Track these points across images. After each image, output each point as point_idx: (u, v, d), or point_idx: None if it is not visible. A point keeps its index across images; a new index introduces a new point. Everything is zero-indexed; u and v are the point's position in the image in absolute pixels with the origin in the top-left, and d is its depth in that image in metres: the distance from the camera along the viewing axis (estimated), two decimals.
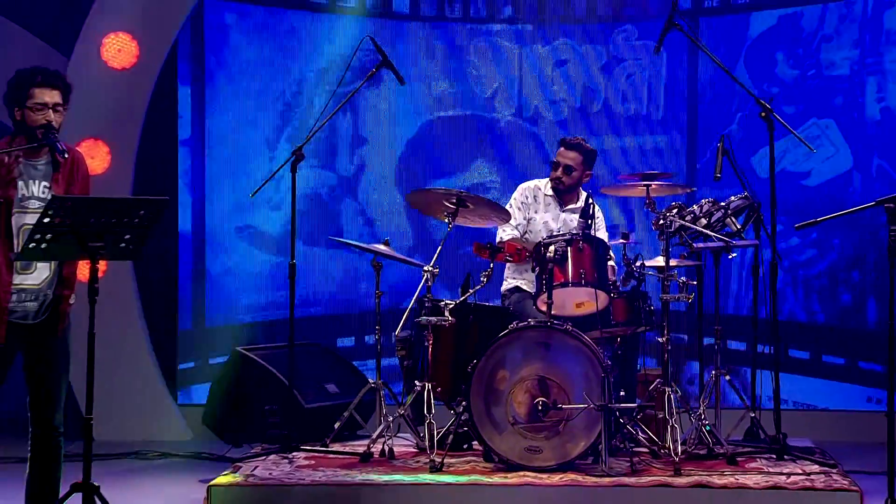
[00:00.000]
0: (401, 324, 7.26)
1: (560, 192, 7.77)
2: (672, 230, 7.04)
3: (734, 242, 7.14)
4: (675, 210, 7.15)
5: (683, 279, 7.08)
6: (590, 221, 7.17)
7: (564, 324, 6.78)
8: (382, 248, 7.43)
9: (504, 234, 7.64)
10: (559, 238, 7.00)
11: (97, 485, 5.67)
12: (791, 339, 9.43)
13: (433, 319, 6.94)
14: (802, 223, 6.60)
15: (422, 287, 7.06)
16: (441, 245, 7.08)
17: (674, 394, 6.83)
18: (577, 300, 7.02)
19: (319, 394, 8.19)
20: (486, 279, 7.10)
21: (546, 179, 7.82)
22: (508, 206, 7.70)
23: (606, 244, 7.21)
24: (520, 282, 7.72)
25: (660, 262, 7.06)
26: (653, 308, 7.22)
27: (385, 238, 7.66)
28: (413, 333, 7.36)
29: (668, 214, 7.06)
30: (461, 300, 7.15)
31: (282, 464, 6.94)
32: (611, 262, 7.29)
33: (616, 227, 9.22)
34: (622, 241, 7.15)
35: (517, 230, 7.69)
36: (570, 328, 6.74)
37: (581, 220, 7.18)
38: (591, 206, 7.28)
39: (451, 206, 7.09)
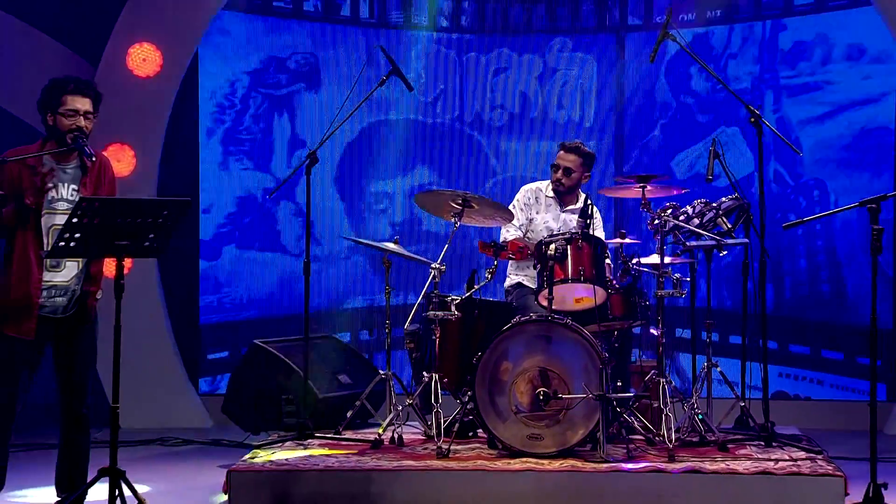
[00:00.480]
0: (409, 318, 7.27)
1: (560, 194, 7.77)
2: (666, 229, 7.04)
3: (725, 241, 7.13)
4: (670, 210, 7.14)
5: (677, 276, 7.08)
6: (588, 221, 7.18)
7: (564, 318, 6.78)
8: (392, 247, 7.44)
9: (507, 234, 7.64)
10: (559, 237, 7.01)
11: (123, 470, 5.70)
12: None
13: (440, 314, 6.95)
14: (789, 223, 6.61)
15: (429, 283, 7.07)
16: (447, 244, 7.09)
17: (668, 384, 6.85)
18: (577, 296, 7.02)
19: (333, 384, 8.20)
20: (491, 276, 7.10)
21: (547, 182, 7.82)
22: (511, 207, 7.70)
23: (604, 243, 7.21)
24: (522, 278, 7.72)
25: (655, 260, 7.07)
26: (648, 303, 7.22)
27: (395, 237, 7.66)
28: (421, 327, 7.36)
29: (663, 214, 7.06)
30: (466, 296, 7.15)
31: (297, 450, 6.94)
32: (608, 260, 7.29)
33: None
34: (619, 241, 7.16)
35: (520, 230, 7.69)
36: (570, 322, 6.74)
37: (580, 220, 7.18)
38: (590, 207, 7.29)
39: (457, 207, 7.10)
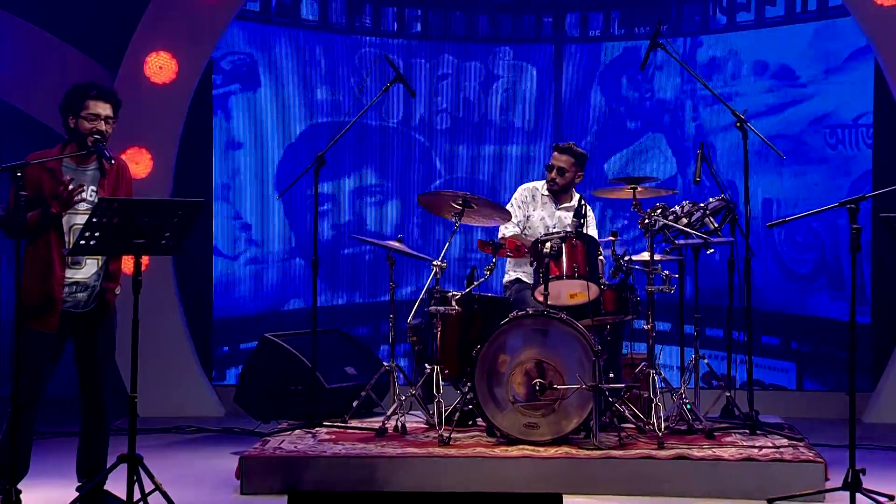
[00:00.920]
0: (412, 313, 7.28)
1: (555, 193, 7.77)
2: (656, 228, 7.05)
3: (712, 239, 7.14)
4: (659, 210, 7.15)
5: (666, 272, 7.08)
6: (582, 220, 7.19)
7: (559, 313, 6.78)
8: (396, 245, 7.45)
9: (506, 231, 7.63)
10: (554, 235, 7.01)
11: (141, 456, 5.71)
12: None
13: (441, 309, 6.96)
14: (773, 222, 6.62)
15: (431, 280, 7.08)
16: (448, 243, 7.10)
17: (657, 376, 6.85)
18: (571, 291, 7.02)
19: (339, 375, 8.20)
20: (489, 273, 7.12)
21: (543, 181, 7.82)
22: (509, 206, 7.71)
23: (597, 241, 7.22)
24: (520, 274, 7.73)
25: (645, 257, 7.07)
26: (639, 298, 7.23)
27: (399, 235, 7.67)
28: (423, 321, 7.37)
29: (653, 214, 7.07)
30: (466, 291, 7.16)
31: (306, 438, 6.96)
32: (601, 258, 7.30)
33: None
34: (611, 239, 7.16)
35: (517, 227, 7.70)
36: (565, 317, 6.75)
37: (574, 220, 7.19)
38: (583, 207, 7.30)
39: (458, 207, 7.11)
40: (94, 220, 5.44)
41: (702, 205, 7.27)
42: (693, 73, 7.68)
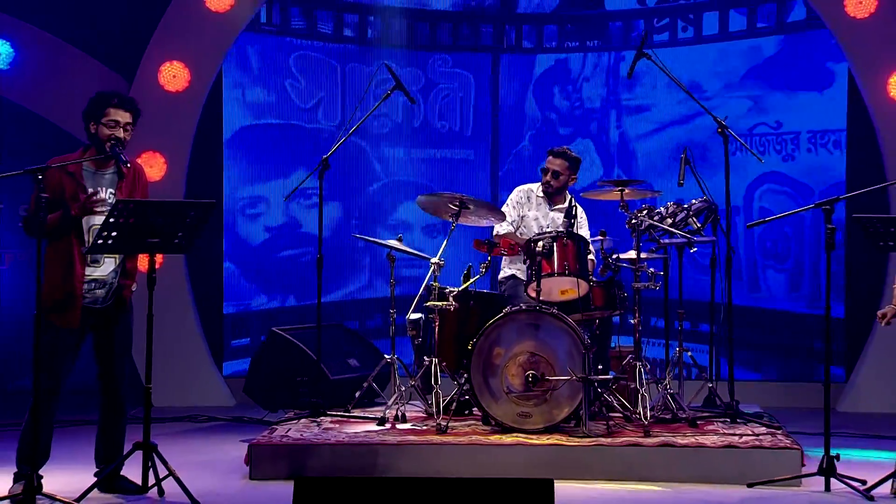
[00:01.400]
0: (412, 308, 7.28)
1: (550, 195, 7.76)
2: (642, 228, 7.05)
3: (695, 239, 7.14)
4: (645, 211, 7.14)
5: (652, 270, 7.09)
6: (573, 221, 7.19)
7: (551, 308, 6.79)
8: (396, 244, 7.44)
9: (500, 229, 7.62)
10: (546, 235, 7.01)
11: (155, 444, 5.72)
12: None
13: (439, 304, 6.96)
14: (753, 222, 6.64)
15: (429, 277, 7.08)
16: (446, 242, 7.10)
17: (643, 367, 6.86)
18: (562, 288, 7.02)
19: (343, 367, 8.20)
20: (485, 270, 7.12)
21: (538, 183, 7.82)
22: (505, 206, 7.72)
23: (587, 240, 7.22)
24: (515, 270, 7.72)
25: (632, 256, 7.07)
26: (626, 294, 7.23)
27: (399, 235, 7.66)
28: (423, 316, 7.37)
29: (640, 215, 7.07)
30: (463, 288, 7.16)
31: (311, 426, 6.95)
32: (590, 256, 7.30)
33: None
34: (600, 238, 7.17)
35: (511, 226, 7.69)
36: (556, 312, 6.75)
37: (565, 220, 7.19)
38: (574, 208, 7.30)
39: (455, 208, 7.11)
40: (112, 221, 5.45)
41: (685, 206, 7.27)
42: (678, 83, 7.65)
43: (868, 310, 8.59)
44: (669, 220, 7.17)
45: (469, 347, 6.75)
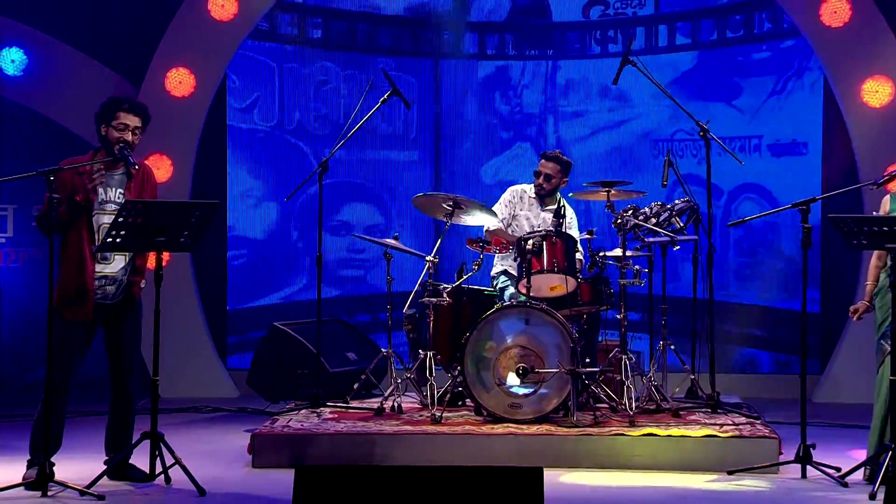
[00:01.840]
0: (408, 303, 7.27)
1: (541, 196, 7.76)
2: (628, 227, 7.04)
3: (678, 237, 7.14)
4: (630, 211, 7.14)
5: (637, 267, 7.08)
6: (561, 220, 7.18)
7: (541, 304, 6.79)
8: (392, 242, 7.43)
9: (490, 226, 7.61)
10: (536, 234, 7.01)
11: (162, 433, 5.72)
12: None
13: (434, 300, 6.96)
14: (733, 221, 6.64)
15: (424, 274, 7.07)
16: (440, 240, 7.09)
17: (629, 360, 6.85)
18: (551, 284, 7.02)
19: (342, 360, 8.19)
20: (477, 267, 7.11)
21: (531, 184, 7.81)
22: (497, 205, 7.71)
23: (575, 239, 7.22)
24: (507, 267, 7.72)
25: (618, 253, 7.07)
26: (612, 291, 7.22)
27: (395, 233, 7.65)
28: (418, 311, 7.36)
29: (625, 215, 7.06)
30: (456, 284, 7.16)
31: (311, 417, 6.95)
32: (578, 255, 7.30)
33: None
34: (587, 237, 7.17)
35: (502, 223, 7.68)
36: (546, 307, 6.75)
37: (554, 220, 7.18)
38: (562, 208, 7.30)
39: (448, 208, 7.10)
40: (120, 220, 5.44)
41: (669, 206, 7.26)
42: (662, 89, 7.64)
43: (842, 305, 8.58)
44: (654, 220, 7.16)
45: (462, 341, 6.75)
